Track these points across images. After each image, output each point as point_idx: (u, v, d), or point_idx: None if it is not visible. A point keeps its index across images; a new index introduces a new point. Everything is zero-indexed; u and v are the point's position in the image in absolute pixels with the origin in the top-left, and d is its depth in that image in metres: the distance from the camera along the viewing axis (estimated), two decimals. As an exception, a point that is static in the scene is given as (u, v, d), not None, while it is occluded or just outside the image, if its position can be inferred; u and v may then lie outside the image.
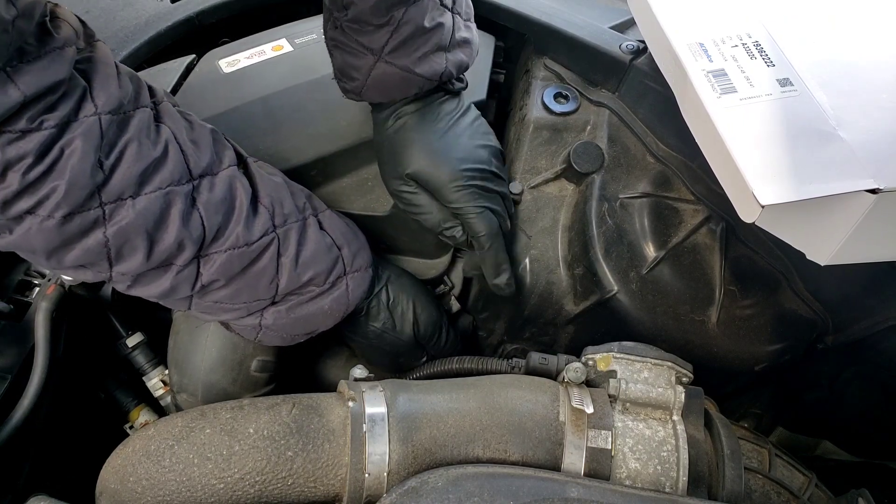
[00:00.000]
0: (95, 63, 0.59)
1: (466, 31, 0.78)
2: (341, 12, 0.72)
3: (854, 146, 0.62)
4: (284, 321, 0.73)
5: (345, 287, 0.75)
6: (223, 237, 0.65)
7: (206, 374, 0.80)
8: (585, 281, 0.87)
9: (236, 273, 0.67)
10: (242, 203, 0.67)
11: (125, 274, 0.63)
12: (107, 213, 0.58)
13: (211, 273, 0.66)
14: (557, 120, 0.95)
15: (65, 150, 0.55)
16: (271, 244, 0.69)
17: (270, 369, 0.83)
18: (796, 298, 0.87)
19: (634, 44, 0.92)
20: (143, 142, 0.60)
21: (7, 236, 0.58)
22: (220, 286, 0.67)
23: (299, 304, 0.73)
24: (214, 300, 0.69)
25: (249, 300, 0.70)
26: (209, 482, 0.63)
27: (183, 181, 0.62)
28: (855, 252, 0.63)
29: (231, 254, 0.66)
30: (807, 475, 0.77)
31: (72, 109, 0.55)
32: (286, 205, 0.71)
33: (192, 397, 0.81)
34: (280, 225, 0.69)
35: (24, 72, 0.52)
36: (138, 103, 0.61)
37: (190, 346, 0.80)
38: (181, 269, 0.64)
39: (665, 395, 0.69)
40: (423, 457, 0.66)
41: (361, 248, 0.78)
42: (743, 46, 0.71)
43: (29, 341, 0.77)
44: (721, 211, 0.85)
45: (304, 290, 0.73)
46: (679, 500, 0.63)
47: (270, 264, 0.69)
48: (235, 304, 0.70)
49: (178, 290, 0.66)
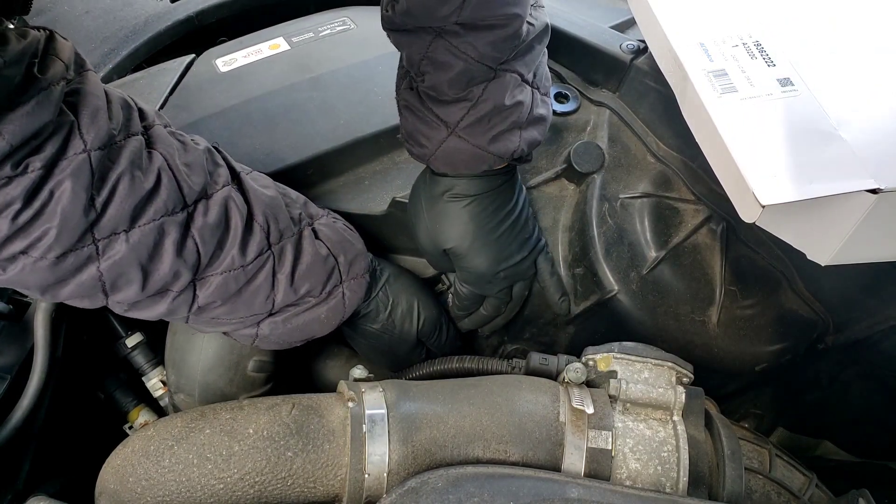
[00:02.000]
0: (84, 95, 0.57)
1: (543, 106, 0.75)
2: (419, 77, 0.70)
3: (854, 146, 0.62)
4: (281, 331, 0.73)
5: (341, 296, 0.75)
6: (219, 260, 0.65)
7: (203, 375, 0.79)
8: (586, 281, 0.87)
9: (232, 293, 0.67)
10: (237, 225, 0.66)
11: (121, 302, 0.63)
12: (100, 248, 0.57)
13: (207, 295, 0.66)
14: (558, 120, 0.94)
15: (54, 192, 0.53)
16: (267, 262, 0.68)
17: (267, 369, 0.83)
18: (797, 298, 0.87)
19: (635, 43, 0.92)
20: (135, 174, 0.58)
21: (1, 275, 0.57)
22: (216, 306, 0.67)
23: (295, 315, 0.73)
24: (212, 317, 0.69)
25: (246, 315, 0.70)
26: (209, 482, 0.63)
27: (177, 210, 0.61)
28: (855, 252, 0.63)
29: (227, 276, 0.65)
30: (807, 475, 0.76)
31: (59, 148, 0.54)
32: (281, 220, 0.70)
33: (189, 397, 0.81)
34: (275, 242, 0.69)
35: (8, 121, 0.50)
36: (129, 131, 0.60)
37: (187, 347, 0.80)
38: (177, 295, 0.64)
39: (665, 395, 0.69)
40: (422, 457, 0.66)
41: (358, 254, 0.77)
42: (743, 46, 0.71)
43: (28, 341, 0.77)
44: (721, 211, 0.85)
45: (300, 302, 0.72)
46: (679, 500, 0.63)
47: (266, 281, 0.69)
48: (232, 319, 0.70)
49: (176, 312, 0.66)
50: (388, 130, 0.86)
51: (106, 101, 0.59)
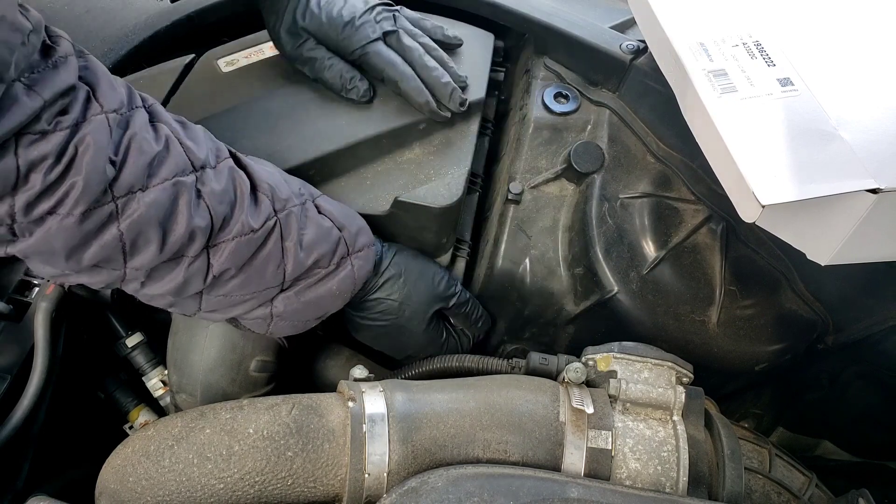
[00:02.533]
0: (93, 71, 0.62)
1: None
2: None
3: (854, 146, 0.62)
4: (295, 306, 0.74)
5: (350, 267, 0.76)
6: (229, 226, 0.67)
7: (205, 374, 0.79)
8: (586, 281, 0.87)
9: (245, 261, 0.68)
10: (244, 192, 0.68)
11: (139, 269, 0.64)
12: (119, 207, 0.60)
13: (221, 262, 0.67)
14: (558, 120, 0.94)
15: (79, 147, 0.58)
16: (274, 228, 0.70)
17: (270, 369, 0.83)
18: (797, 298, 0.87)
19: (635, 43, 0.92)
20: (145, 137, 0.62)
21: (26, 239, 0.59)
22: (230, 276, 0.68)
23: (307, 288, 0.74)
24: (224, 293, 0.69)
25: (259, 289, 0.71)
26: (209, 482, 0.63)
27: (187, 172, 0.64)
28: (855, 252, 0.63)
29: (239, 241, 0.67)
30: (807, 475, 0.77)
31: (80, 111, 0.59)
32: (283, 190, 0.72)
33: (190, 397, 0.81)
34: (280, 210, 0.71)
35: (41, 79, 0.56)
36: (133, 104, 0.64)
37: (189, 346, 0.80)
38: (192, 261, 0.66)
39: (665, 395, 0.69)
40: (422, 457, 0.66)
41: (361, 228, 0.79)
42: (743, 46, 0.71)
43: (28, 341, 0.77)
44: (722, 211, 0.85)
45: (310, 274, 0.73)
46: (679, 500, 0.63)
47: (276, 249, 0.70)
48: (245, 295, 0.71)
49: (191, 283, 0.67)
50: (390, 131, 0.86)
51: (110, 77, 0.63)
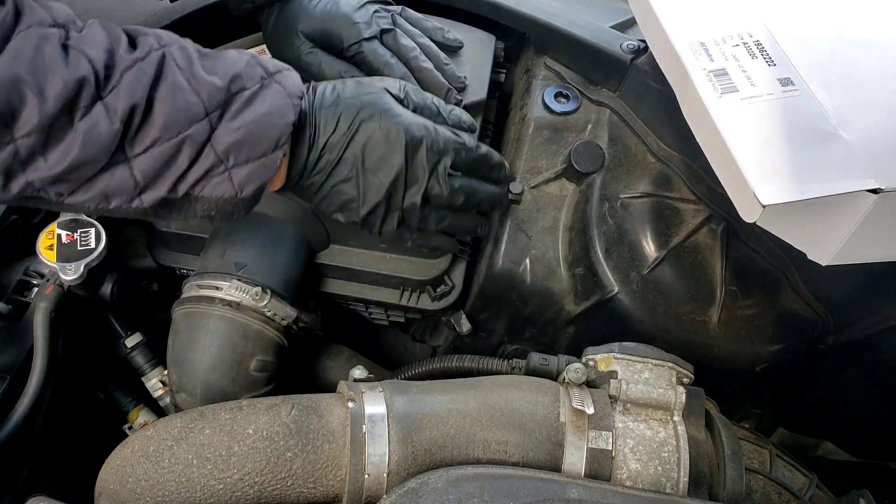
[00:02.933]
0: None
1: None
2: None
3: (855, 146, 0.62)
4: (236, 136, 0.65)
5: (276, 84, 0.69)
6: (114, 67, 0.61)
7: (206, 374, 0.79)
8: (586, 281, 0.87)
9: (147, 92, 0.62)
10: (119, 36, 0.63)
11: (28, 133, 0.58)
12: None
13: (122, 99, 0.61)
14: (558, 119, 0.94)
15: None
16: (166, 59, 0.64)
17: (270, 369, 0.83)
18: (797, 298, 0.87)
19: (635, 43, 0.92)
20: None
21: None
22: (142, 117, 0.62)
23: (238, 113, 0.66)
24: (150, 140, 0.62)
25: (184, 124, 0.63)
26: (208, 483, 0.63)
27: (48, 25, 0.59)
28: (856, 252, 0.63)
29: (127, 74, 0.61)
30: (808, 475, 0.76)
31: None
32: (162, 35, 0.67)
33: (191, 397, 0.81)
34: (169, 44, 0.65)
35: None
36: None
37: (189, 346, 0.80)
38: (86, 111, 0.59)
39: (666, 395, 0.69)
40: (422, 457, 0.66)
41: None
42: (744, 46, 0.71)
43: (28, 342, 0.77)
44: (722, 211, 0.85)
45: (234, 100, 0.66)
46: (680, 500, 0.63)
47: (178, 77, 0.64)
48: (174, 140, 0.63)
49: (98, 135, 0.60)
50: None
51: None
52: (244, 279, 0.81)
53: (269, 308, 0.81)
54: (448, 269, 0.92)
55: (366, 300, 0.95)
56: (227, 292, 0.80)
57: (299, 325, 0.86)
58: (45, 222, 0.84)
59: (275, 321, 0.82)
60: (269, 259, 0.85)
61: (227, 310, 0.80)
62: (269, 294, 0.82)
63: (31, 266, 0.85)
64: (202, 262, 0.86)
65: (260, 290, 0.81)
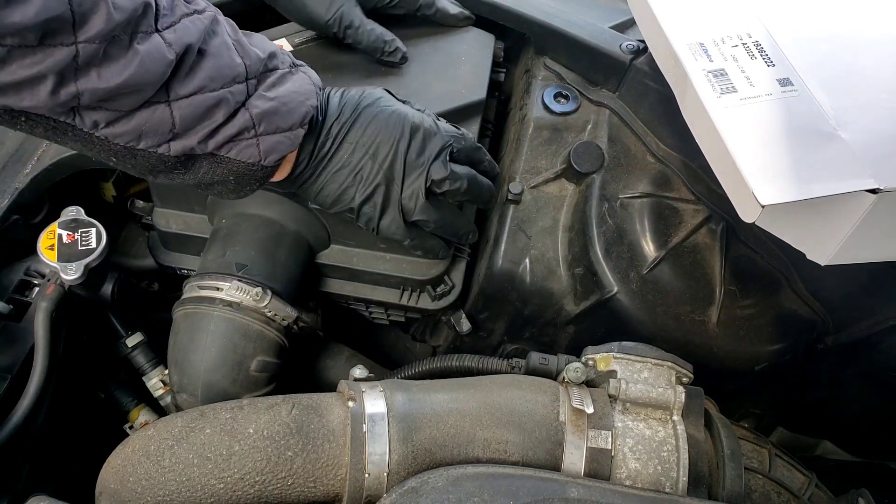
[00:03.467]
0: None
1: None
2: None
3: (854, 146, 0.62)
4: (271, 104, 0.68)
5: (302, 73, 0.74)
6: (174, 9, 0.63)
7: (206, 374, 0.79)
8: (586, 281, 0.87)
9: (200, 40, 0.64)
10: None
11: (90, 40, 0.57)
12: None
13: (178, 35, 0.62)
14: (557, 120, 0.95)
15: None
16: (218, 19, 0.67)
17: (271, 369, 0.83)
18: (797, 298, 0.87)
19: (634, 43, 0.92)
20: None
21: None
22: (193, 60, 0.63)
23: (273, 85, 0.70)
24: (195, 86, 0.64)
25: (227, 79, 0.66)
26: (209, 482, 0.63)
27: None
28: (855, 252, 0.63)
29: (185, 20, 0.63)
30: (807, 475, 0.77)
31: None
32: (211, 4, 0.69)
33: (191, 397, 0.81)
34: (216, 11, 0.68)
35: None
36: None
37: (190, 346, 0.80)
38: (144, 38, 0.60)
39: (665, 395, 0.69)
40: (423, 457, 0.66)
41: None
42: (743, 46, 0.71)
43: (28, 341, 0.77)
44: (721, 211, 0.85)
45: (270, 73, 0.70)
46: (679, 500, 0.63)
47: (227, 38, 0.67)
48: (217, 92, 0.65)
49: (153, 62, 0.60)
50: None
51: None
52: (245, 280, 0.81)
53: (270, 308, 0.82)
54: (448, 269, 0.92)
55: (366, 300, 0.95)
56: (228, 293, 0.81)
57: (300, 325, 0.86)
58: (46, 222, 0.84)
59: (275, 321, 0.83)
60: (270, 259, 0.85)
61: (227, 310, 0.80)
62: (269, 294, 0.82)
63: (31, 266, 0.85)
64: (203, 262, 0.86)
65: (260, 291, 0.81)
